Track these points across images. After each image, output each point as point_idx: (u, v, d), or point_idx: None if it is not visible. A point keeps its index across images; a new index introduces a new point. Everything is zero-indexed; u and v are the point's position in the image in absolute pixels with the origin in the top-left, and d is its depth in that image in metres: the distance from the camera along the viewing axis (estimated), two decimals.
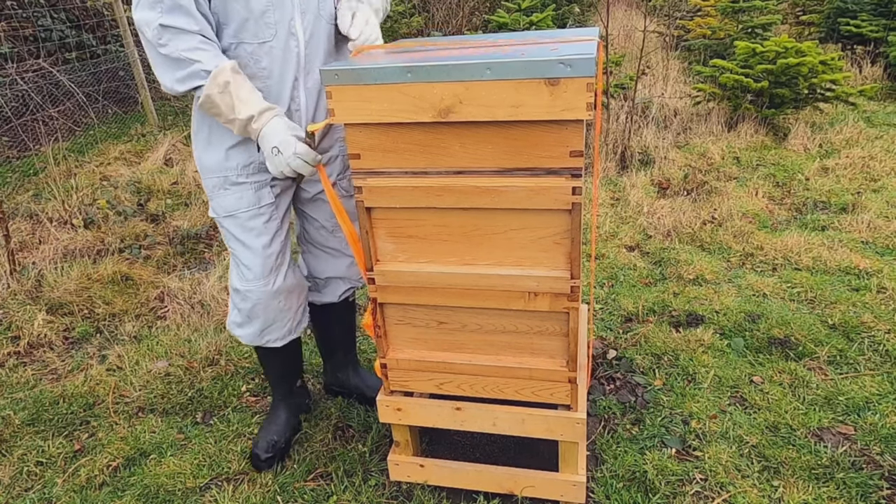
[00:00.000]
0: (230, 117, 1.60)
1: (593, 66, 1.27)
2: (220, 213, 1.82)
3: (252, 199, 1.79)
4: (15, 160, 5.15)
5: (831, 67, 4.77)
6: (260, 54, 1.65)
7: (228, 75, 1.57)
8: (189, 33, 1.55)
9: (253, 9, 1.60)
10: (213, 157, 1.77)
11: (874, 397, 2.13)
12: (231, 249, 1.86)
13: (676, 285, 2.93)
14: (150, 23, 1.53)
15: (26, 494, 1.99)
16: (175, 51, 1.54)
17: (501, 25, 5.05)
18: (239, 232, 1.80)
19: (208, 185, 1.82)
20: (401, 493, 1.87)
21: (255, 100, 1.62)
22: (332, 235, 2.01)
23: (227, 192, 1.78)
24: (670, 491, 1.82)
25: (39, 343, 2.80)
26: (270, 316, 1.88)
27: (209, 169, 1.79)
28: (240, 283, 1.84)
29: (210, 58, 1.58)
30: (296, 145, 1.61)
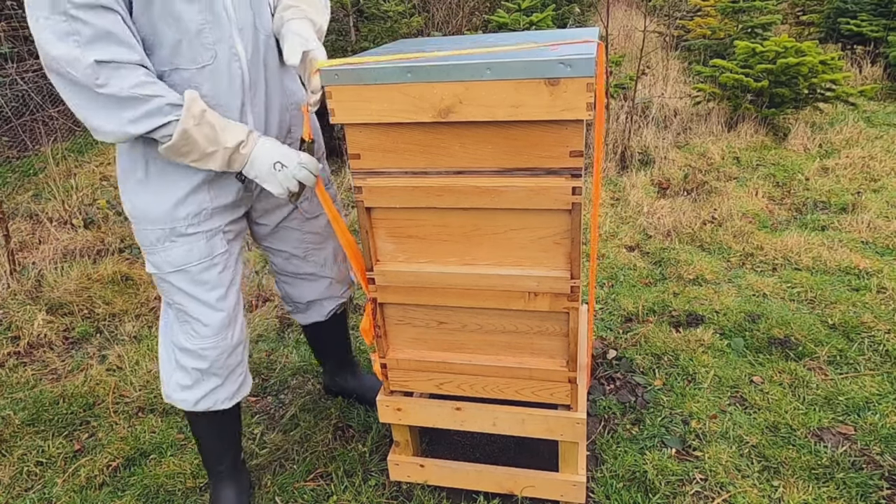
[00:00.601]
0: (209, 150, 1.41)
1: (593, 66, 1.27)
2: (164, 270, 1.57)
3: (204, 249, 1.58)
4: (15, 160, 5.14)
5: (831, 67, 4.77)
6: (199, 80, 1.44)
7: (202, 103, 1.39)
8: (130, 66, 1.32)
9: (187, 29, 1.39)
10: (157, 206, 1.52)
11: (874, 397, 2.13)
12: (177, 306, 1.61)
13: (676, 285, 2.93)
14: (76, 60, 1.27)
15: (26, 494, 1.99)
16: (121, 89, 1.31)
17: (501, 25, 5.05)
18: (190, 287, 1.58)
19: (148, 238, 1.56)
20: (401, 493, 1.87)
21: (233, 123, 1.47)
22: (305, 261, 1.87)
23: (175, 244, 1.55)
24: (670, 491, 1.82)
25: (39, 343, 2.80)
26: (226, 372, 1.68)
27: (151, 220, 1.54)
28: (191, 341, 1.62)
29: (167, 89, 1.37)
30: (298, 155, 1.51)
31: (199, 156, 1.42)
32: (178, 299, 1.60)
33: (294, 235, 1.81)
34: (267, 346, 2.65)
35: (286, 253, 1.84)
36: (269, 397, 2.37)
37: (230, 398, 1.72)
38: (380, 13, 5.43)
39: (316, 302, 1.97)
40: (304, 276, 1.90)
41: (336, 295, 1.99)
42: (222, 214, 1.61)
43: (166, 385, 1.71)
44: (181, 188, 1.52)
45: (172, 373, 1.69)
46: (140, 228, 1.56)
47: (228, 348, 1.65)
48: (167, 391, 1.72)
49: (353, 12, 5.45)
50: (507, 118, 1.34)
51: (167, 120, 1.36)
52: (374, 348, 1.75)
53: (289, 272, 1.89)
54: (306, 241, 1.84)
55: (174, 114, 1.36)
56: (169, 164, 1.50)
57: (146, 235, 1.56)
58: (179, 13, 1.37)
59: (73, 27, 1.26)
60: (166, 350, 1.70)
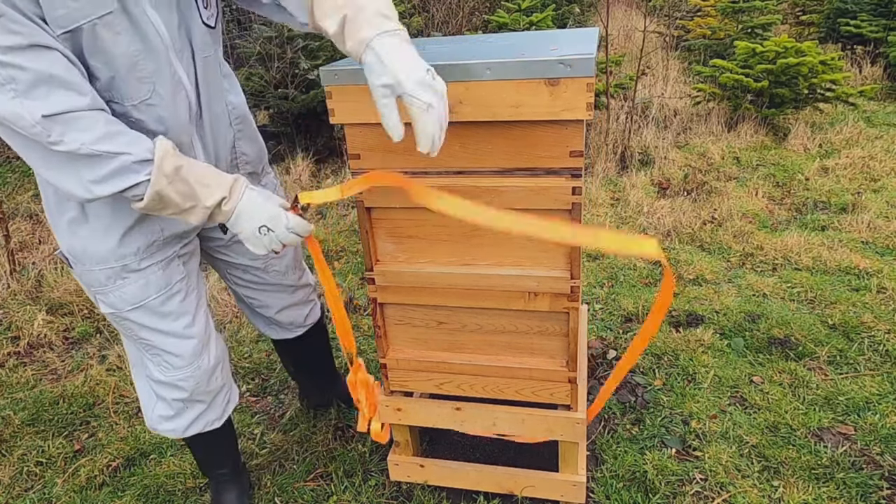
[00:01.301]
0: (187, 206, 1.25)
1: (593, 66, 1.27)
2: (122, 309, 1.44)
3: (161, 280, 1.45)
4: (15, 160, 5.14)
5: (831, 67, 4.77)
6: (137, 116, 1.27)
7: (175, 157, 1.22)
8: (85, 114, 1.13)
9: (120, 65, 1.20)
10: (100, 244, 1.37)
11: (874, 397, 2.13)
12: (142, 342, 1.50)
13: (676, 285, 2.93)
14: (20, 117, 1.08)
15: (26, 494, 1.99)
16: (80, 146, 1.12)
17: (501, 25, 5.05)
18: (153, 321, 1.47)
19: (96, 279, 1.41)
20: (401, 494, 1.87)
21: (214, 175, 1.29)
22: (266, 272, 1.74)
23: (127, 280, 1.41)
24: (670, 491, 1.82)
25: (39, 343, 2.81)
26: (209, 397, 1.61)
27: (95, 259, 1.39)
28: (165, 374, 1.53)
29: (133, 141, 1.19)
30: (287, 218, 1.35)
31: (176, 211, 1.26)
32: (143, 335, 1.49)
33: None
34: (267, 346, 2.65)
35: (243, 265, 1.71)
36: (269, 397, 2.37)
37: (220, 418, 1.67)
38: None
39: (286, 309, 1.85)
40: (267, 286, 1.78)
41: (303, 300, 1.88)
42: (176, 240, 1.48)
43: (149, 419, 1.63)
44: (125, 221, 1.37)
45: (154, 405, 1.61)
46: (84, 270, 1.41)
47: (206, 374, 1.58)
48: (151, 423, 1.64)
49: None
50: (508, 118, 1.34)
51: (137, 181, 1.19)
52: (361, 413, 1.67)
53: (252, 284, 1.77)
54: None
55: (144, 172, 1.19)
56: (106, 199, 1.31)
57: (93, 276, 1.41)
58: (107, 48, 1.17)
59: (6, 75, 1.06)
60: (142, 383, 1.62)
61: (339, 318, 1.53)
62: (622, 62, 5.65)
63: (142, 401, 1.64)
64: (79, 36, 1.14)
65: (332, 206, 4.12)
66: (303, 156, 4.67)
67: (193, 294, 1.55)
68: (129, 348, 1.61)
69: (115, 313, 1.46)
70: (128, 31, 1.19)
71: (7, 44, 1.05)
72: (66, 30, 1.12)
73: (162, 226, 1.43)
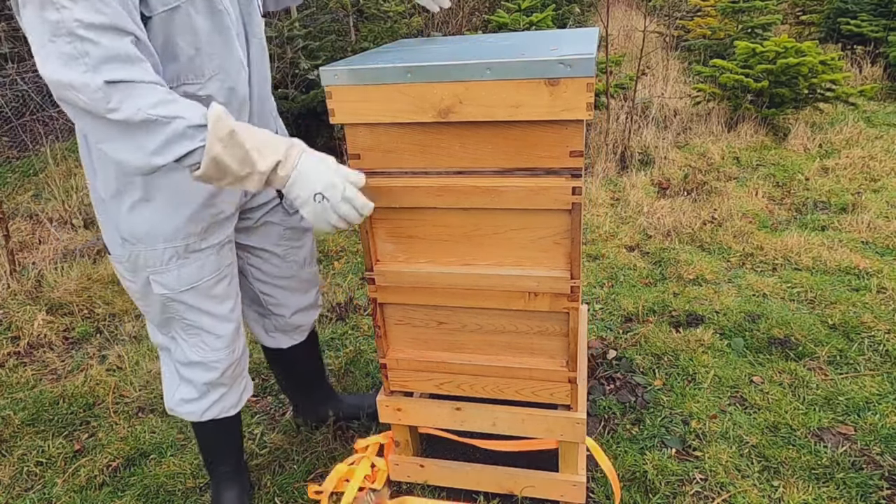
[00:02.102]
0: (243, 173, 1.24)
1: (593, 66, 1.27)
2: (177, 289, 1.49)
3: (214, 263, 1.52)
4: (15, 160, 5.15)
5: (831, 67, 4.77)
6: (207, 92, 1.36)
7: (228, 121, 1.22)
8: (145, 85, 1.17)
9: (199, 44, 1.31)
10: (168, 223, 1.43)
11: (874, 397, 2.13)
12: (186, 322, 1.55)
13: (676, 285, 2.93)
14: (85, 85, 1.12)
15: (26, 494, 1.99)
16: (136, 111, 1.15)
17: (501, 25, 5.05)
18: (201, 302, 1.53)
19: (157, 259, 1.46)
20: (401, 493, 1.87)
21: (268, 138, 1.28)
22: (285, 261, 1.77)
23: (187, 261, 1.48)
24: (670, 491, 1.82)
25: (39, 343, 2.81)
26: (232, 381, 1.67)
27: (162, 238, 1.44)
28: (200, 354, 1.58)
29: (188, 106, 1.20)
30: (345, 188, 1.31)
31: (234, 179, 1.25)
32: (189, 316, 1.54)
33: (275, 231, 1.74)
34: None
35: (266, 252, 1.75)
36: (269, 397, 2.37)
37: (235, 405, 1.72)
38: (380, 13, 5.43)
39: (299, 313, 1.87)
40: (284, 280, 1.80)
41: (315, 303, 1.92)
42: (228, 223, 1.56)
43: (170, 400, 1.68)
44: (194, 200, 1.44)
45: (177, 388, 1.66)
46: (144, 250, 1.45)
47: (237, 358, 1.65)
48: (171, 405, 1.68)
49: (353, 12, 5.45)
50: (507, 118, 1.34)
51: (192, 147, 1.19)
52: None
53: (268, 274, 1.78)
54: (286, 237, 1.76)
55: (199, 139, 1.19)
56: (172, 176, 1.40)
57: (153, 256, 1.46)
58: (194, 25, 1.29)
59: (82, 48, 1.12)
60: (168, 368, 1.67)
61: None
62: (622, 62, 5.65)
63: (165, 385, 1.69)
64: (174, 14, 1.26)
65: None
66: None
67: (235, 280, 1.62)
68: (156, 335, 1.65)
69: (169, 294, 1.50)
70: (206, 12, 1.32)
71: (90, 20, 1.11)
72: (167, 7, 1.24)
73: (219, 205, 1.49)
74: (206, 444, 1.82)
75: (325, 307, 2.88)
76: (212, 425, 1.73)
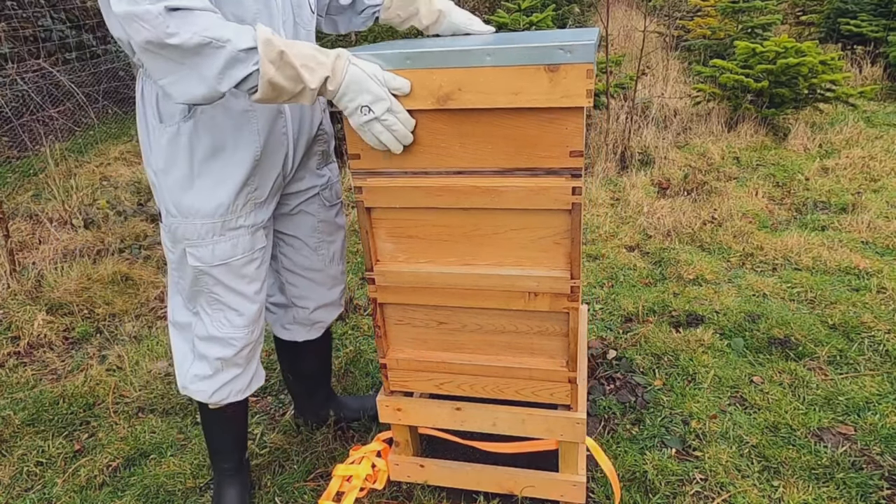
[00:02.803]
0: (297, 90, 1.29)
1: (593, 52, 1.27)
2: (210, 263, 1.56)
3: (247, 243, 1.59)
4: (15, 160, 5.15)
5: (831, 67, 4.77)
6: None
7: (276, 42, 1.25)
8: (201, 12, 1.23)
9: (244, 13, 1.39)
10: (210, 199, 1.52)
11: (874, 397, 2.13)
12: (215, 298, 1.61)
13: (676, 285, 2.93)
14: (148, 12, 1.18)
15: (26, 494, 1.99)
16: (192, 35, 1.20)
17: (501, 25, 5.05)
18: (230, 279, 1.59)
19: (196, 232, 1.54)
20: (401, 493, 1.87)
21: (315, 54, 1.30)
22: (316, 253, 1.82)
23: (223, 238, 1.55)
24: (670, 491, 1.82)
25: (39, 343, 2.81)
26: (245, 362, 1.70)
27: (202, 214, 1.52)
28: (220, 329, 1.63)
29: (239, 30, 1.24)
30: (391, 102, 1.34)
31: (289, 97, 1.31)
32: (216, 290, 1.60)
33: (309, 222, 1.79)
34: (267, 346, 2.65)
35: (299, 241, 1.80)
36: (269, 397, 2.37)
37: (244, 390, 1.73)
38: None
39: (320, 310, 1.90)
40: (311, 273, 1.85)
41: (338, 301, 1.95)
42: (265, 208, 1.62)
43: (183, 377, 1.71)
44: (234, 179, 1.52)
45: (191, 365, 1.69)
46: (185, 223, 1.53)
47: (254, 340, 1.69)
48: (183, 382, 1.71)
49: None
50: (507, 105, 1.33)
51: (247, 72, 1.24)
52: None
53: (298, 267, 1.84)
54: (319, 229, 1.81)
55: (252, 62, 1.24)
56: (218, 155, 1.49)
57: (193, 229, 1.53)
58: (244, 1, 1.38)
59: None
60: (184, 343, 1.70)
61: None
62: (622, 62, 5.65)
63: (177, 363, 1.72)
64: None
65: None
66: None
67: (265, 266, 1.67)
68: (178, 312, 1.69)
69: (201, 266, 1.57)
70: None
71: None
72: None
73: (258, 184, 1.57)
74: (211, 435, 1.84)
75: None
76: (219, 415, 1.76)
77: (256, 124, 1.50)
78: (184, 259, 1.58)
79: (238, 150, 1.51)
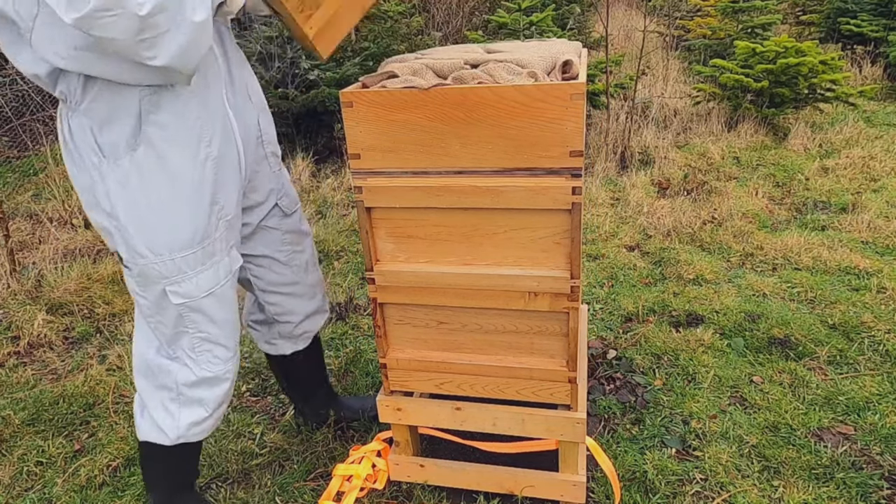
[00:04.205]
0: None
1: None
2: (195, 296, 1.47)
3: (227, 265, 1.52)
4: (15, 160, 5.15)
5: (831, 67, 4.77)
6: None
7: None
8: None
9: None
10: (188, 225, 1.42)
11: (874, 397, 2.13)
12: (202, 337, 1.52)
13: (676, 285, 2.93)
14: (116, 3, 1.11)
15: (26, 494, 1.99)
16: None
17: (501, 25, 5.05)
18: (216, 310, 1.51)
19: (173, 268, 1.43)
20: (401, 493, 1.87)
21: None
22: (288, 267, 1.76)
23: (205, 266, 1.47)
24: (670, 491, 1.82)
25: (39, 343, 2.80)
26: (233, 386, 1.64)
27: (180, 245, 1.42)
28: (211, 369, 1.55)
29: None
30: None
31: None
32: (204, 327, 1.51)
33: (274, 236, 1.73)
34: None
35: (268, 259, 1.74)
36: (269, 397, 2.37)
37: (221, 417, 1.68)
38: (380, 13, 5.43)
39: (306, 321, 1.87)
40: (289, 287, 1.79)
41: (323, 308, 1.91)
42: (235, 225, 1.56)
43: (174, 431, 1.57)
44: (203, 199, 1.43)
45: (178, 417, 1.57)
46: (161, 261, 1.42)
47: (237, 368, 1.64)
48: (177, 435, 1.58)
49: None
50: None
51: None
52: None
53: (272, 283, 1.77)
54: (286, 241, 1.75)
55: None
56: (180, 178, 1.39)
57: (172, 266, 1.43)
58: None
59: None
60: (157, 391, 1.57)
61: None
62: (622, 62, 5.64)
63: (158, 421, 1.58)
64: None
65: (333, 205, 4.12)
66: (303, 156, 4.67)
67: (237, 284, 1.61)
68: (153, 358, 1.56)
69: (188, 303, 1.47)
70: None
71: None
72: None
73: (224, 203, 1.49)
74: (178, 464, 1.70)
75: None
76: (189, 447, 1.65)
77: (208, 133, 1.42)
78: (163, 300, 1.47)
79: (196, 167, 1.41)
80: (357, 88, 1.45)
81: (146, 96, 1.33)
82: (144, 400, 1.60)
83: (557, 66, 1.42)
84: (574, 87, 1.32)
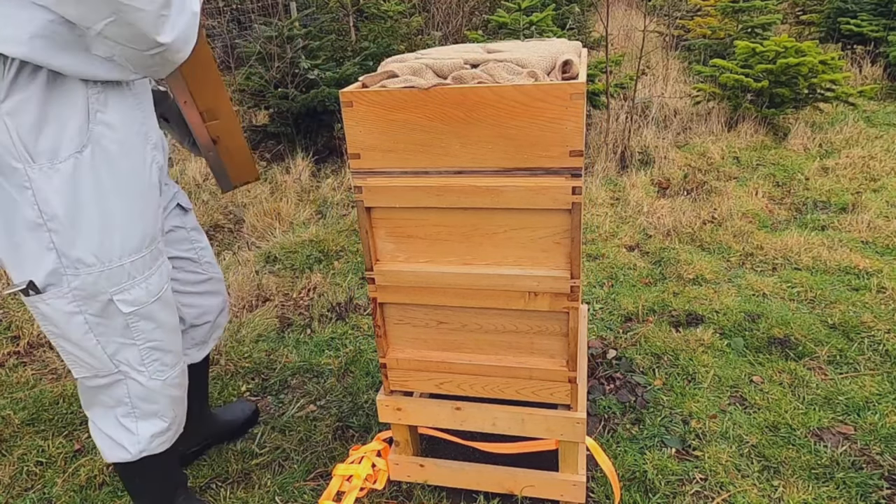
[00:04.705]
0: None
1: None
2: (144, 302, 1.43)
3: (168, 266, 1.51)
4: None
5: (831, 67, 4.77)
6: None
7: None
8: None
9: None
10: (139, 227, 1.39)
11: (874, 397, 2.13)
12: (150, 346, 1.47)
13: (676, 285, 2.93)
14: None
15: (26, 494, 1.99)
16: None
17: (501, 25, 5.05)
18: (165, 315, 1.48)
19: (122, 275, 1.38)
20: (401, 493, 1.87)
21: None
22: (199, 265, 1.73)
23: (151, 269, 1.44)
24: (670, 491, 1.82)
25: (39, 343, 2.80)
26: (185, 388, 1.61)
27: (131, 249, 1.38)
28: (161, 376, 1.51)
29: None
30: None
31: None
32: (153, 335, 1.46)
33: (181, 235, 1.69)
34: (267, 346, 2.65)
35: (181, 259, 1.69)
36: (269, 397, 2.37)
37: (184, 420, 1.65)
38: (380, 13, 5.44)
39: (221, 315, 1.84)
40: (203, 285, 1.76)
41: (227, 300, 1.87)
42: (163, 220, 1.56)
43: (135, 446, 1.53)
44: (153, 199, 1.42)
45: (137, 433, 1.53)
46: (110, 268, 1.36)
47: (185, 368, 1.60)
48: (139, 450, 1.53)
49: (353, 12, 5.45)
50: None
51: None
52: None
53: (189, 283, 1.72)
54: (191, 238, 1.72)
55: None
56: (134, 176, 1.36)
57: (121, 272, 1.37)
58: None
59: None
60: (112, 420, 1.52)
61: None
62: (622, 62, 5.65)
63: (117, 439, 1.54)
64: None
65: (333, 205, 4.12)
66: (303, 156, 4.67)
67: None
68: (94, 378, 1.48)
69: (138, 310, 1.42)
70: None
71: None
72: None
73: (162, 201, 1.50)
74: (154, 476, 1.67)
75: (325, 307, 2.88)
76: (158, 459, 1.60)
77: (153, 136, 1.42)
78: (108, 311, 1.39)
79: (145, 169, 1.39)
80: (357, 88, 1.45)
81: (94, 94, 1.29)
82: (98, 425, 1.55)
83: (557, 65, 1.42)
84: (574, 86, 1.32)
